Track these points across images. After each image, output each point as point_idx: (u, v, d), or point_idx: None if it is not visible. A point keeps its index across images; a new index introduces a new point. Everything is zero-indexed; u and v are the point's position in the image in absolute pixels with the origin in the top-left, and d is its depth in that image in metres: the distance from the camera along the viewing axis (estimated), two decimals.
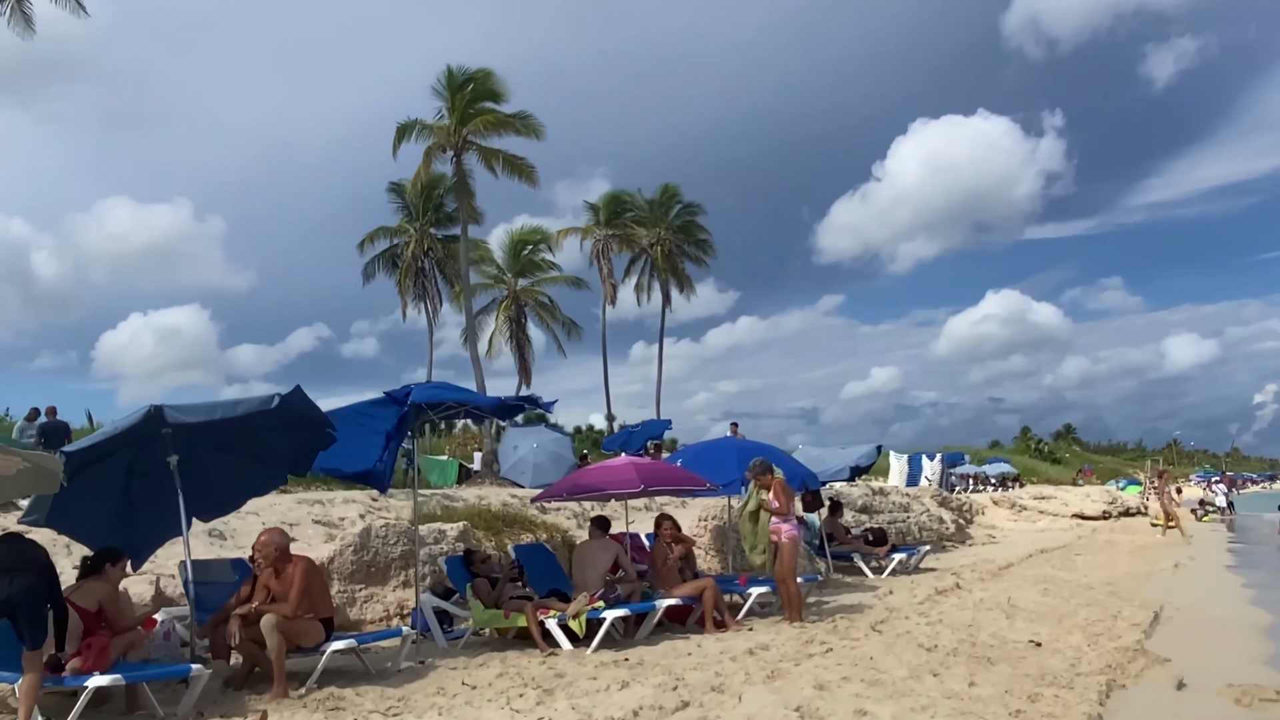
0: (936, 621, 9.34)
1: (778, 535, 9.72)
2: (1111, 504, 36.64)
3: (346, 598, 10.22)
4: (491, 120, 26.21)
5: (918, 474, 40.33)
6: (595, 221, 47.36)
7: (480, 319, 44.82)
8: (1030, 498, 36.46)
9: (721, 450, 11.68)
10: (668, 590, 9.48)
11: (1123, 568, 16.53)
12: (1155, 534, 26.62)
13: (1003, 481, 53.96)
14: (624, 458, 10.13)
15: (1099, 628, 9.66)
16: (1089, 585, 13.57)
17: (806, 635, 8.71)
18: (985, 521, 30.62)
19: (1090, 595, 12.19)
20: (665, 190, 49.64)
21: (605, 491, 9.96)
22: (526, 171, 27.57)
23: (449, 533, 11.28)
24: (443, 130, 26.76)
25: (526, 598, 9.06)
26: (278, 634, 6.62)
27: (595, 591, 8.83)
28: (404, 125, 25.95)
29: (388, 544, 10.65)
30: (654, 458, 28.71)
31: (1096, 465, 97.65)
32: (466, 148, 27.05)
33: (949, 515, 24.21)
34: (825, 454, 14.85)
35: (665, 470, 9.92)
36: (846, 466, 13.99)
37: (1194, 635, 9.87)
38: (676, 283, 50.71)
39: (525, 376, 44.27)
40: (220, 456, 7.81)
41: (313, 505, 14.41)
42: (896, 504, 20.72)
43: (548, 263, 44.87)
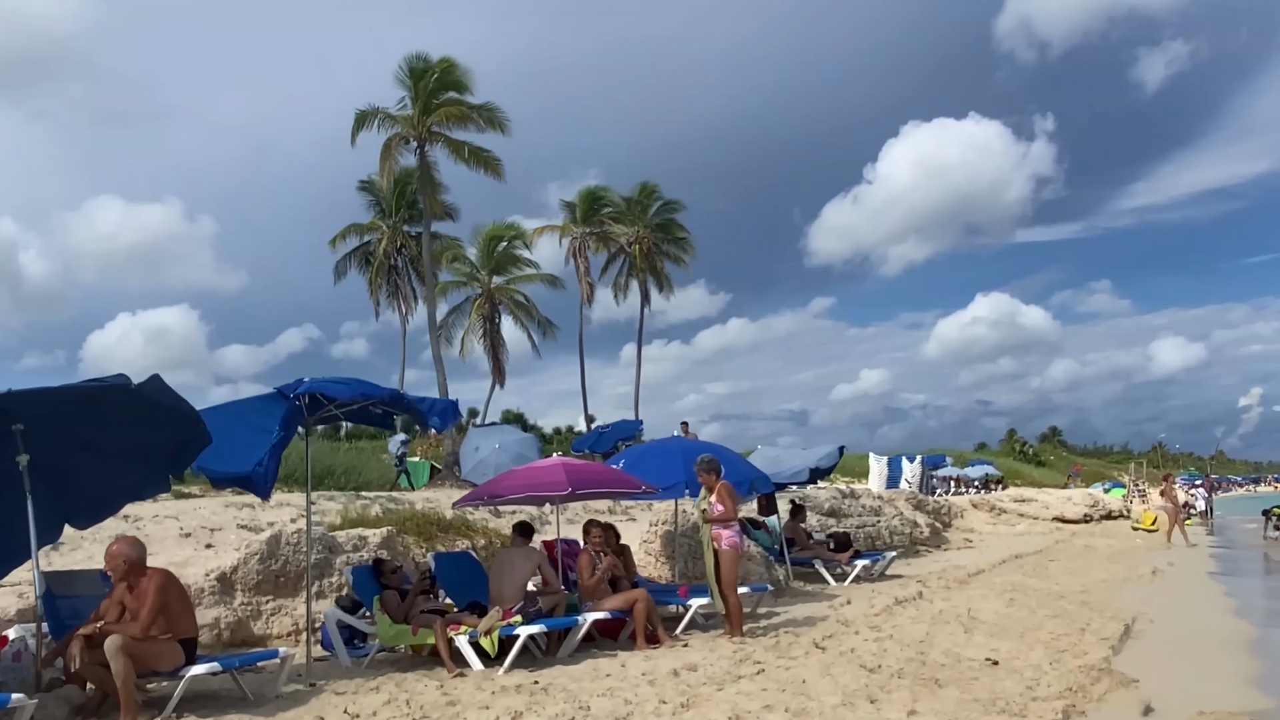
0: (887, 637, 8.59)
1: (718, 542, 8.95)
2: (1093, 507, 36.06)
3: (251, 610, 9.41)
4: (455, 111, 25.36)
5: (898, 476, 39.72)
6: (572, 219, 46.58)
7: (454, 318, 44.09)
8: (1010, 500, 35.81)
9: (667, 451, 10.92)
10: (596, 603, 8.70)
11: (1098, 574, 15.82)
12: (1135, 539, 25.99)
13: (985, 484, 53.45)
14: (554, 458, 9.33)
15: (1064, 643, 8.93)
16: (1059, 594, 12.85)
17: (743, 653, 7.94)
18: (963, 525, 29.92)
19: (1059, 605, 11.46)
20: (644, 188, 48.87)
21: (530, 495, 9.16)
22: (493, 164, 26.75)
23: (371, 539, 10.48)
24: (406, 120, 25.89)
25: (440, 611, 8.26)
26: (124, 657, 5.81)
27: (512, 605, 8.05)
28: (364, 113, 25.06)
29: (300, 551, 9.83)
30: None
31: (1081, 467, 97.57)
32: (431, 139, 26.18)
33: (924, 519, 23.51)
34: (783, 455, 14.10)
35: (598, 472, 9.14)
36: (805, 468, 13.23)
37: (1168, 651, 9.15)
38: (656, 282, 49.99)
39: (499, 377, 43.49)
40: (85, 456, 7.01)
41: (241, 509, 13.58)
42: (867, 507, 19.99)
43: (524, 260, 44.07)
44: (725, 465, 10.65)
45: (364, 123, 25.08)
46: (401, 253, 44.26)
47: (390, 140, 25.34)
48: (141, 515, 12.31)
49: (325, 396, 7.45)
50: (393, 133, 25.50)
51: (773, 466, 13.69)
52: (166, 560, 10.10)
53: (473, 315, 42.09)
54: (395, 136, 25.44)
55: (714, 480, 9.05)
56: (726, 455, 11.07)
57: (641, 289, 49.30)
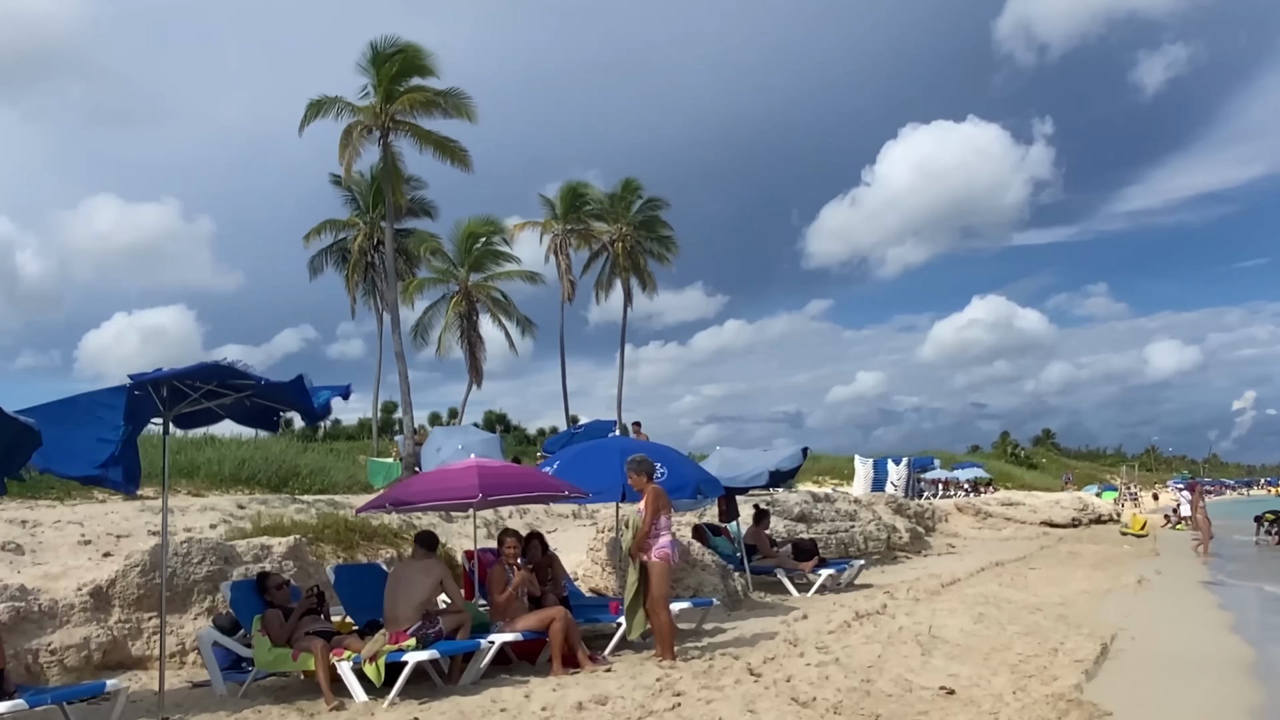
0: (833, 661, 7.66)
1: (646, 554, 8.03)
2: (1082, 511, 35.23)
3: (130, 629, 8.45)
4: (419, 98, 24.35)
5: (883, 479, 38.78)
6: (553, 215, 45.64)
7: (430, 315, 43.12)
8: (997, 504, 34.93)
9: (604, 452, 9.99)
10: (507, 623, 7.77)
11: (1079, 584, 14.92)
12: (1124, 545, 25.13)
13: (975, 486, 52.58)
14: (471, 459, 8.40)
15: (1032, 666, 8.02)
16: (1035, 606, 11.94)
17: (666, 681, 7.01)
18: (948, 529, 29.05)
19: (1032, 621, 10.55)
20: (627, 184, 47.88)
21: (437, 502, 8.22)
22: (459, 155, 25.75)
23: (275, 549, 9.52)
24: (368, 109, 24.89)
25: (329, 632, 7.31)
26: None
27: (406, 626, 7.11)
28: (317, 102, 24.02)
29: (190, 563, 8.88)
30: None
31: (1074, 471, 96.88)
32: (396, 128, 25.19)
33: (904, 523, 22.62)
34: (743, 456, 13.17)
35: (517, 475, 8.21)
36: (765, 471, 12.31)
37: (1151, 675, 8.25)
38: (639, 280, 49.09)
39: (477, 377, 42.48)
40: None
41: (158, 514, 12.60)
42: (841, 511, 19.09)
43: (503, 256, 43.07)
44: (667, 467, 9.76)
45: (318, 111, 24.05)
46: (379, 249, 43.24)
47: (350, 129, 24.32)
48: (41, 521, 11.35)
49: (180, 382, 6.50)
50: (352, 121, 24.46)
51: (730, 470, 12.78)
52: (44, 573, 9.16)
53: (449, 313, 41.08)
54: (356, 125, 24.42)
55: (644, 482, 8.13)
56: (670, 456, 10.16)
57: (624, 288, 48.33)
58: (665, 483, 9.74)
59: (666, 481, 9.78)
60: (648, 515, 8.00)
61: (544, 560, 9.03)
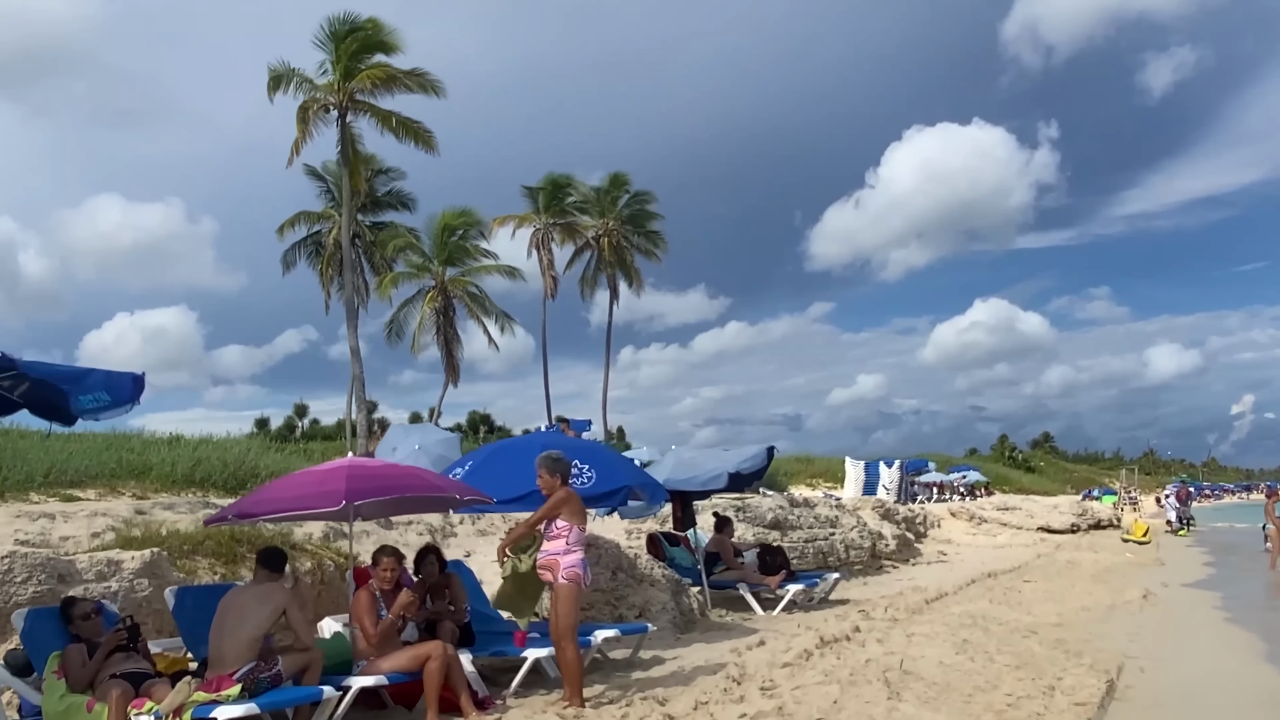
0: (774, 711, 6.18)
1: (550, 573, 6.55)
2: (1081, 516, 33.69)
3: None
4: (380, 74, 22.85)
5: (875, 482, 37.34)
6: (534, 208, 44.19)
7: (405, 311, 41.62)
8: (993, 509, 33.41)
9: (519, 452, 8.54)
10: (372, 662, 6.28)
11: (1079, 599, 13.45)
12: (1125, 552, 23.66)
13: (971, 490, 51.10)
14: (346, 459, 6.92)
15: (1024, 712, 6.57)
16: (1030, 628, 10.47)
17: None
18: (940, 535, 27.58)
19: (1025, 647, 9.07)
20: (614, 178, 46.55)
21: (291, 512, 6.72)
22: (424, 136, 24.27)
23: (127, 564, 8.01)
24: (327, 87, 23.39)
25: (142, 675, 5.82)
26: None
27: (234, 669, 5.62)
28: (278, 72, 22.50)
29: (12, 581, 7.39)
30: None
31: (1072, 474, 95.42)
32: (355, 108, 23.69)
33: (891, 530, 21.13)
34: (700, 457, 11.70)
35: (395, 478, 6.72)
36: (723, 473, 10.84)
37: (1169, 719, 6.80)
38: (626, 277, 47.69)
39: (453, 375, 40.96)
40: None
41: (36, 519, 11.12)
42: (822, 518, 17.60)
43: (480, 250, 41.57)
44: (596, 468, 8.30)
45: (279, 84, 22.51)
46: (355, 242, 41.82)
47: (306, 105, 22.81)
48: None
49: None
50: (308, 97, 22.94)
51: (685, 471, 11.31)
52: None
53: (424, 308, 39.59)
54: (311, 101, 22.90)
55: (556, 484, 6.67)
56: (601, 456, 8.68)
57: (610, 284, 47.03)
58: (593, 487, 8.32)
59: (595, 485, 8.35)
60: (538, 514, 6.55)
61: (442, 580, 7.56)
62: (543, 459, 6.72)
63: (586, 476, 8.33)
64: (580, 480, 8.30)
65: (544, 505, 6.55)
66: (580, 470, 8.36)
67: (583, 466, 8.37)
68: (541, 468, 6.69)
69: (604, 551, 10.40)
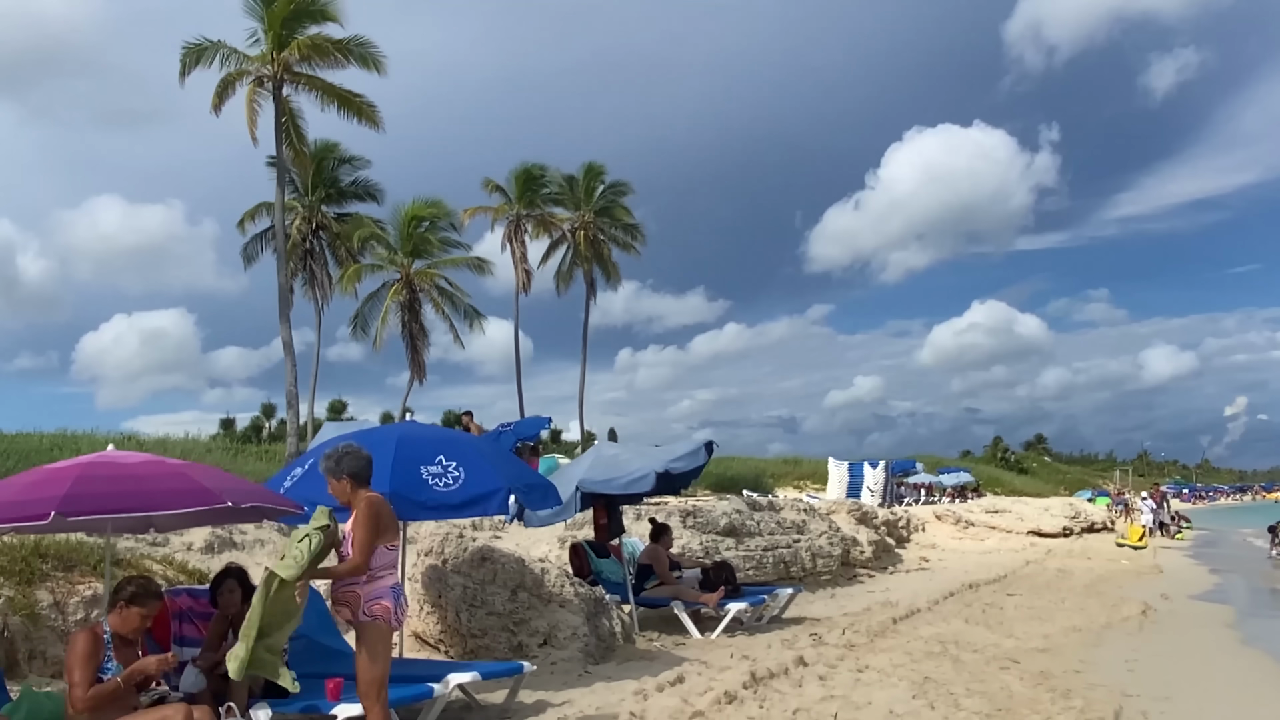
0: None
1: (349, 609, 4.87)
2: (1073, 519, 32.06)
3: None
4: (312, 42, 21.10)
5: (859, 484, 35.65)
6: (506, 200, 42.47)
7: (370, 306, 39.88)
8: (982, 511, 31.76)
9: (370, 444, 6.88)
10: None
11: (1069, 616, 11.80)
12: (1120, 558, 22.04)
13: (961, 492, 49.52)
14: (73, 461, 5.23)
15: None
16: (1009, 656, 8.82)
17: None
18: (924, 540, 25.90)
19: (1001, 686, 7.41)
20: (589, 168, 44.78)
21: None
22: (366, 111, 22.56)
23: None
24: (260, 58, 21.62)
25: None
26: None
27: None
28: (194, 48, 20.68)
29: None
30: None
31: (1065, 476, 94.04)
32: (291, 80, 21.94)
33: (868, 535, 19.43)
34: (625, 454, 9.98)
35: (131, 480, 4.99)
36: (649, 473, 9.14)
37: None
38: (603, 271, 46.01)
39: (419, 371, 39.16)
40: None
41: None
42: (786, 523, 15.93)
43: (450, 242, 39.80)
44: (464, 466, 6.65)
45: (197, 60, 20.71)
46: (319, 235, 40.09)
47: (229, 79, 21.03)
48: None
49: None
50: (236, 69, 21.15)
51: (606, 471, 9.62)
52: None
53: (388, 301, 37.82)
54: (236, 74, 21.12)
55: (347, 489, 4.99)
56: (472, 450, 6.98)
57: (586, 279, 45.29)
58: (459, 490, 6.63)
59: (462, 487, 6.66)
60: (365, 536, 4.83)
61: (243, 611, 5.85)
62: (323, 459, 5.05)
63: (452, 477, 6.66)
64: (443, 482, 6.64)
65: (363, 528, 4.81)
66: (444, 469, 6.70)
67: (448, 465, 6.71)
68: (326, 471, 5.01)
69: (500, 567, 8.71)
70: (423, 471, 6.61)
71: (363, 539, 4.80)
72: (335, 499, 5.10)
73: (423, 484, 6.53)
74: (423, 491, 6.50)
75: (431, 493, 6.53)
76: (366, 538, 4.79)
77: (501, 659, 8.29)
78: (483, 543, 9.00)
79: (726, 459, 49.20)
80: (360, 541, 4.78)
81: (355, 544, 4.80)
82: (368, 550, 4.78)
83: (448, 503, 6.56)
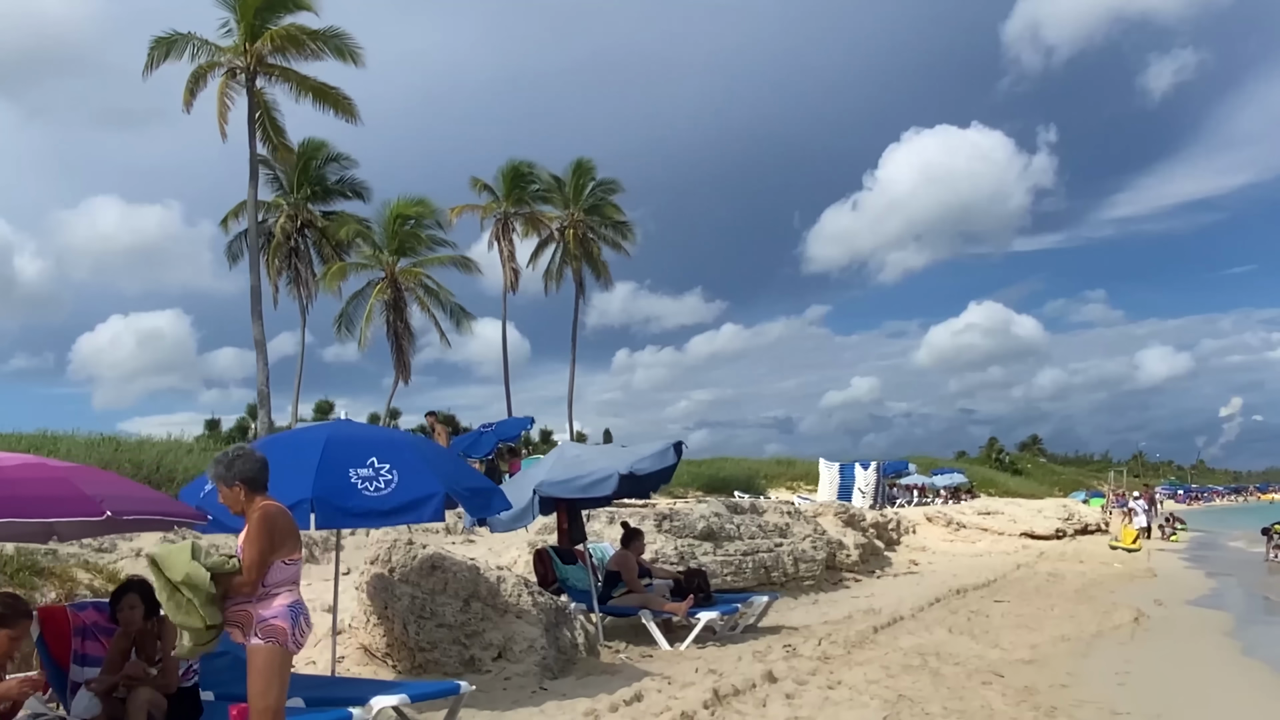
0: None
1: (240, 631, 4.34)
2: (1067, 520, 31.58)
3: None
4: (286, 33, 20.56)
5: (850, 485, 35.13)
6: (494, 198, 41.93)
7: (354, 305, 39.34)
8: (974, 513, 31.24)
9: (296, 446, 6.36)
10: None
11: (1057, 625, 11.30)
12: (1114, 561, 21.56)
13: (955, 494, 49.04)
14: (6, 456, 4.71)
15: None
16: (993, 669, 8.31)
17: None
18: (915, 543, 25.39)
19: (981, 704, 6.90)
20: (578, 166, 44.28)
21: None
22: (343, 104, 22.03)
23: None
24: (233, 50, 21.06)
25: None
26: None
27: None
28: (163, 40, 20.11)
29: None
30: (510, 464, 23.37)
31: (1060, 477, 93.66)
32: (265, 72, 21.38)
33: (855, 538, 18.91)
34: (588, 455, 9.43)
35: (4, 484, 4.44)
36: (613, 474, 8.61)
37: None
38: (593, 270, 45.50)
39: (404, 372, 38.61)
40: None
41: None
42: (768, 526, 15.40)
43: (436, 240, 39.25)
44: (400, 467, 6.13)
45: (166, 52, 20.14)
46: (304, 233, 39.52)
47: (200, 69, 20.48)
48: None
49: None
50: (208, 61, 20.60)
51: (566, 472, 9.10)
52: None
53: (373, 300, 37.27)
54: (208, 65, 20.58)
55: (239, 496, 4.47)
56: (409, 452, 6.45)
57: (576, 278, 44.77)
58: (392, 494, 6.11)
59: (395, 492, 6.14)
60: (256, 553, 4.30)
61: (150, 628, 5.35)
62: (212, 464, 4.54)
63: (384, 480, 6.14)
64: (374, 486, 6.11)
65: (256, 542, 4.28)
66: (376, 472, 6.17)
67: (380, 467, 6.19)
68: (215, 479, 4.49)
69: (452, 576, 8.19)
70: (351, 475, 6.08)
71: (252, 556, 4.28)
72: (228, 508, 4.57)
73: (350, 489, 6.00)
74: (350, 497, 5.98)
75: (360, 498, 6.00)
76: (257, 554, 4.27)
77: (452, 673, 7.79)
78: (434, 549, 8.46)
79: (719, 459, 48.65)
80: (250, 559, 4.27)
81: (245, 560, 4.28)
82: (259, 567, 4.26)
83: (378, 509, 6.03)
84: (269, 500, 4.48)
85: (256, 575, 4.26)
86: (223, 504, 4.57)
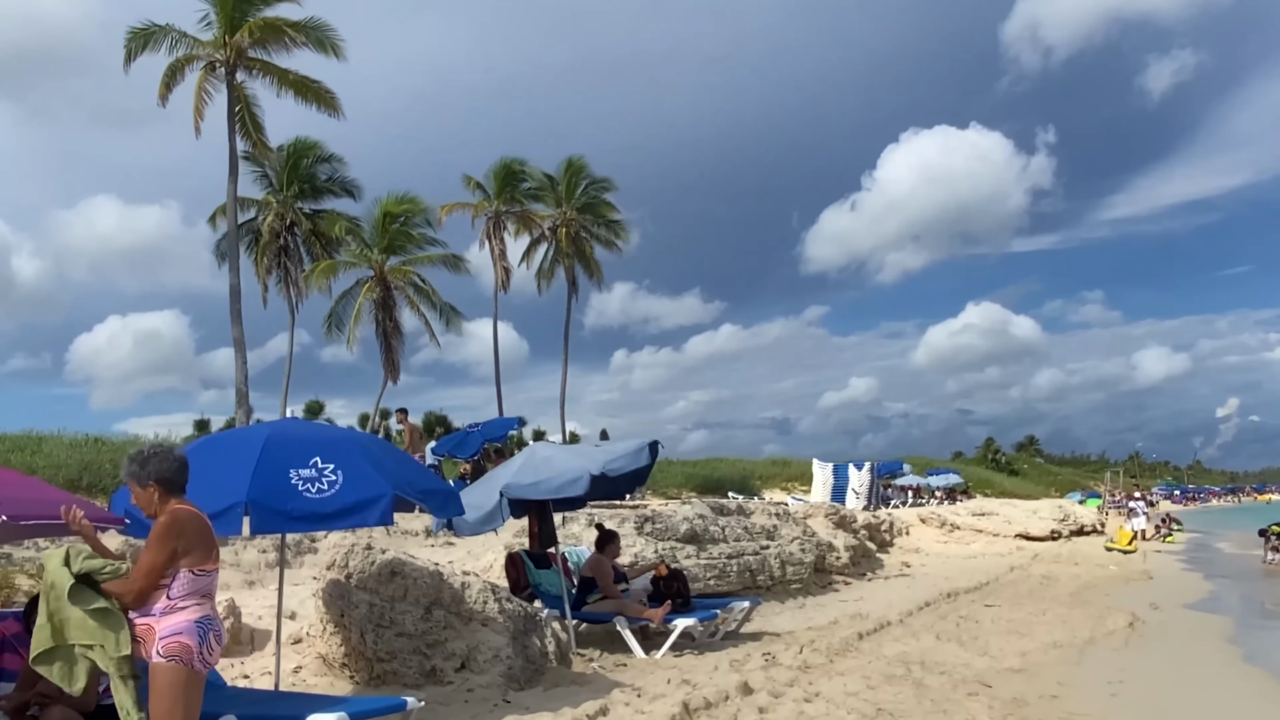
0: None
1: (143, 647, 3.96)
2: (1063, 521, 31.24)
3: None
4: (266, 24, 20.15)
5: (844, 486, 34.79)
6: (485, 197, 41.53)
7: (344, 304, 38.95)
8: (968, 514, 30.89)
9: (234, 447, 5.97)
10: None
11: (1049, 630, 10.93)
12: (1109, 563, 21.21)
13: (951, 494, 48.70)
14: None
15: None
16: (980, 679, 7.93)
17: None
18: (908, 544, 25.04)
19: (967, 716, 6.52)
20: (570, 164, 43.89)
21: None
22: (325, 98, 21.64)
23: None
24: (214, 43, 20.65)
25: None
26: None
27: None
28: (140, 32, 19.70)
29: None
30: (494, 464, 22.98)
31: (1056, 478, 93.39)
32: (245, 65, 20.97)
33: (846, 540, 18.55)
34: (560, 455, 9.05)
35: None
36: (584, 475, 8.21)
37: None
38: (585, 269, 45.13)
39: (393, 372, 38.19)
40: None
41: None
42: (755, 528, 15.02)
43: (426, 238, 38.82)
44: (345, 468, 5.75)
45: (144, 45, 19.73)
46: (293, 231, 39.10)
47: (177, 64, 20.06)
48: None
49: None
50: (186, 53, 20.18)
51: (534, 473, 8.71)
52: None
53: (361, 298, 36.85)
54: (185, 59, 20.16)
55: (153, 498, 4.08)
56: (356, 451, 6.05)
57: (568, 277, 44.42)
58: (335, 496, 5.73)
59: (338, 493, 5.75)
60: (142, 555, 3.92)
61: None
62: (127, 462, 4.15)
63: (327, 481, 5.74)
64: (316, 487, 5.72)
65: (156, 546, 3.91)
66: (319, 473, 5.78)
67: (323, 467, 5.79)
68: (128, 478, 4.11)
69: (413, 582, 7.80)
70: (292, 476, 5.68)
71: (143, 563, 3.89)
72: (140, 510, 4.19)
73: (290, 490, 5.60)
74: (289, 499, 5.58)
75: (301, 500, 5.61)
76: (149, 561, 3.88)
77: (413, 685, 7.42)
78: (394, 554, 8.07)
79: (715, 460, 48.30)
80: (140, 565, 3.88)
81: (135, 567, 3.89)
82: (148, 575, 3.87)
83: (320, 511, 5.63)
84: (183, 504, 4.09)
85: (142, 584, 3.87)
86: (135, 505, 4.18)
